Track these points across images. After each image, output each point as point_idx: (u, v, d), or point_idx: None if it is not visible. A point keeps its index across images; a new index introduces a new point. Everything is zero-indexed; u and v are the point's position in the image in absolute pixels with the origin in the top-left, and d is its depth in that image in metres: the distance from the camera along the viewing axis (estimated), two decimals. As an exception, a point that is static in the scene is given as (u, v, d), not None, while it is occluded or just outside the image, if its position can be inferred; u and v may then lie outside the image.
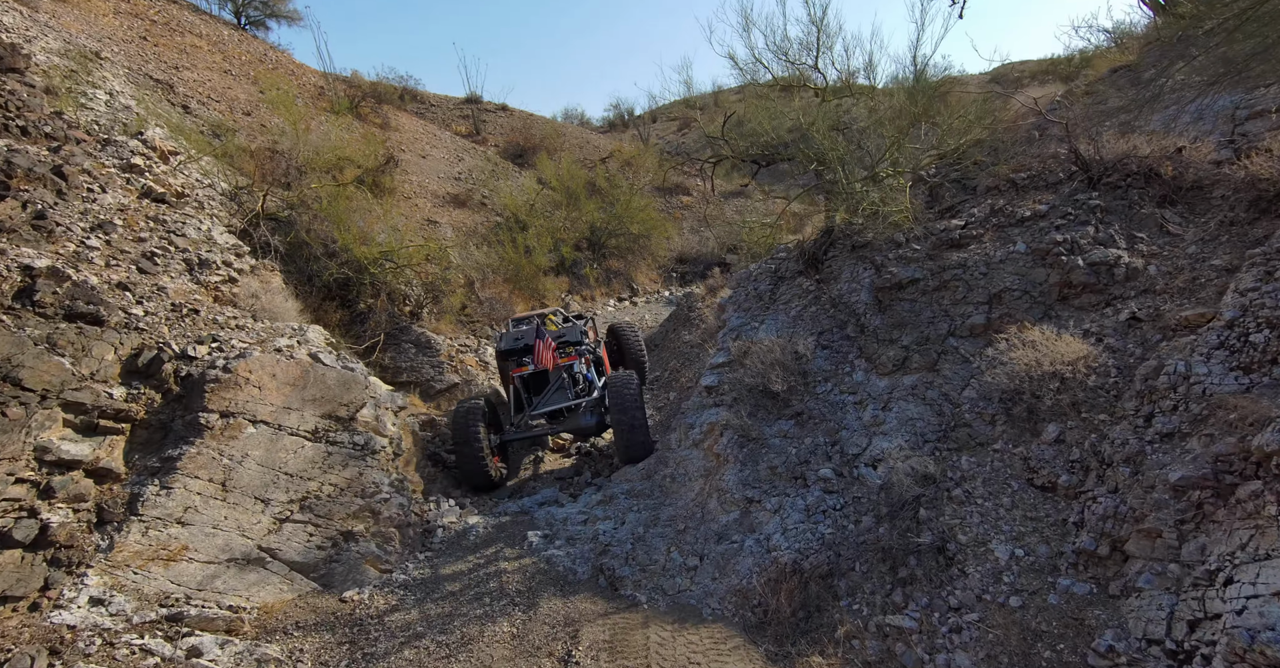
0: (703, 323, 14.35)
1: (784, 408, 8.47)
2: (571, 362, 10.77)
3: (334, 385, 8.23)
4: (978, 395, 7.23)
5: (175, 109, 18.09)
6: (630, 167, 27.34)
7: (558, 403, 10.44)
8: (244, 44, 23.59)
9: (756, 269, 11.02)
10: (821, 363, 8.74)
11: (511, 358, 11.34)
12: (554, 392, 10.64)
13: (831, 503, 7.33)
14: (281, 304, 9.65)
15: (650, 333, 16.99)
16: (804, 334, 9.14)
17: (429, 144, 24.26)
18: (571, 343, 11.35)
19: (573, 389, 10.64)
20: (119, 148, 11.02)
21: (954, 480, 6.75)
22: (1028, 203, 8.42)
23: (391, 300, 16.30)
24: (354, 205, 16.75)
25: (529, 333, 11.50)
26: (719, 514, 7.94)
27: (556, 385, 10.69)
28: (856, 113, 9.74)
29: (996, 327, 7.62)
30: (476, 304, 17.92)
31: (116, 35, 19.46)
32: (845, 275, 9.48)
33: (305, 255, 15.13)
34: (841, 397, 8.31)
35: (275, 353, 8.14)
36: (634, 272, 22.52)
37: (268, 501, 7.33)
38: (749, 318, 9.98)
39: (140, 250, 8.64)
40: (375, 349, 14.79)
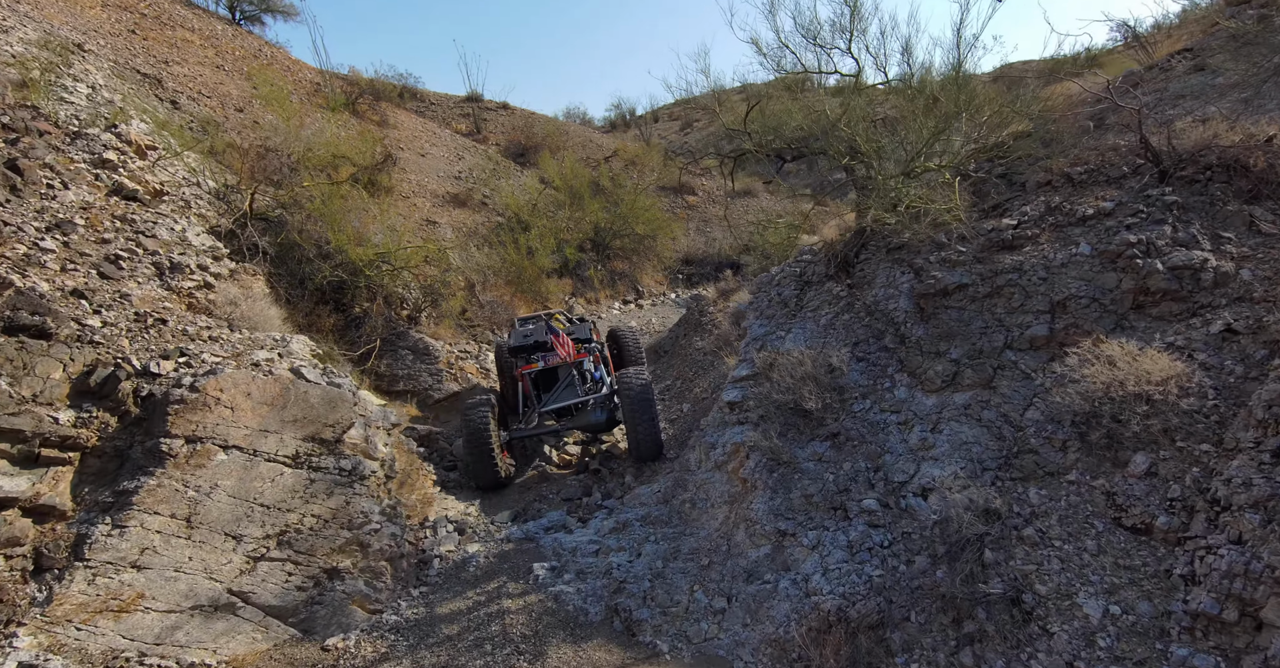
0: (715, 329, 13.38)
1: (818, 428, 7.51)
2: (582, 358, 10.52)
3: (318, 404, 7.26)
4: (1044, 417, 6.28)
5: (162, 104, 17.12)
6: (634, 166, 26.35)
7: (567, 399, 10.15)
8: (238, 39, 22.60)
9: (779, 273, 10.05)
10: (858, 377, 7.78)
11: (521, 355, 10.98)
12: (563, 388, 10.35)
13: (878, 539, 6.37)
14: (263, 312, 8.68)
15: (658, 338, 16.02)
16: (837, 345, 8.18)
17: (428, 142, 23.28)
18: (582, 340, 11.05)
19: (581, 386, 10.38)
20: (90, 142, 10.05)
21: (1023, 517, 5.79)
22: (1088, 200, 7.46)
23: (388, 304, 15.33)
24: (349, 205, 15.79)
25: (538, 330, 11.16)
26: (748, 548, 6.98)
27: (566, 382, 10.38)
28: (894, 102, 8.76)
29: (1061, 339, 6.66)
30: (477, 308, 16.94)
31: (103, 28, 18.47)
32: (880, 280, 8.52)
33: (297, 257, 14.17)
34: (882, 416, 7.34)
35: (252, 368, 7.17)
36: (639, 273, 21.56)
37: (240, 537, 6.36)
38: (773, 326, 9.01)
39: (103, 253, 7.67)
40: (370, 356, 13.82)
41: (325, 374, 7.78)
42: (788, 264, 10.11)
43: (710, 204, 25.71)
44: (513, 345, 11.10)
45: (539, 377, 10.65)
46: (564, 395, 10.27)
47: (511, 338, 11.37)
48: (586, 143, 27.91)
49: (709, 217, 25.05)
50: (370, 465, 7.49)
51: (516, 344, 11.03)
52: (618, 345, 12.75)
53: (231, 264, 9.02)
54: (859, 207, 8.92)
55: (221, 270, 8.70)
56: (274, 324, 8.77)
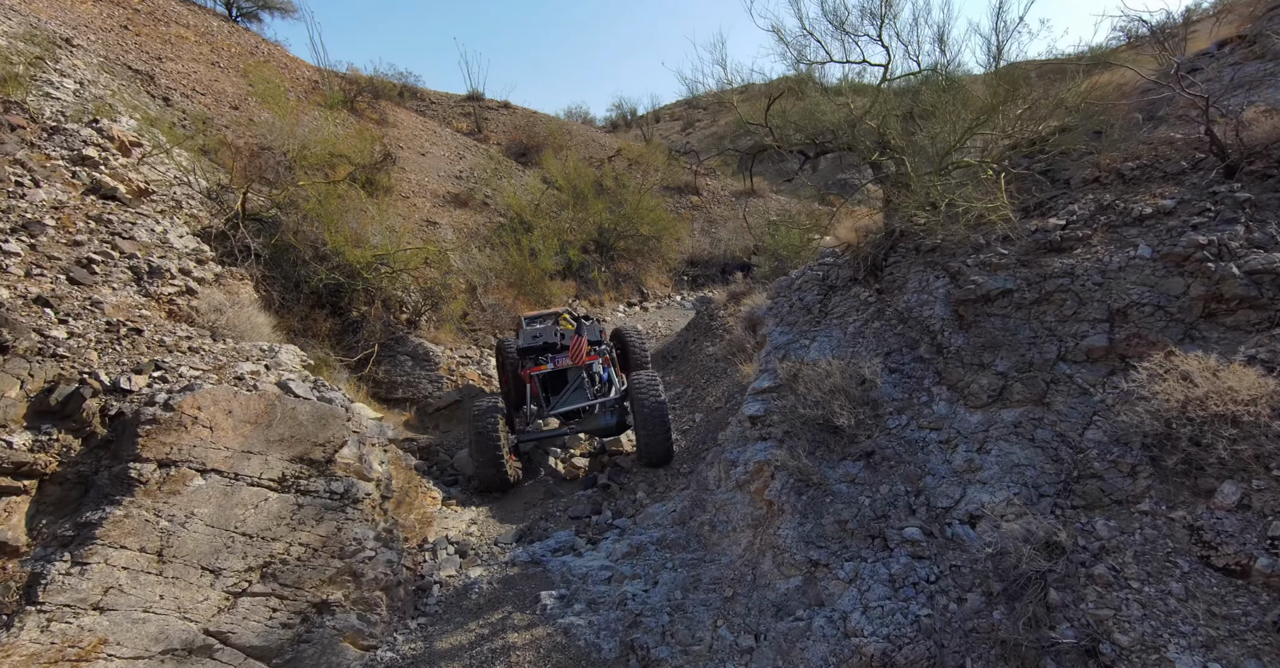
0: (727, 334, 12.70)
1: (849, 446, 6.83)
2: (593, 361, 10.22)
3: (307, 422, 6.58)
4: (1108, 438, 5.61)
5: (154, 101, 16.44)
6: (637, 165, 25.67)
7: (577, 402, 9.87)
8: (234, 36, 21.92)
9: (800, 276, 9.37)
10: (891, 390, 7.10)
11: (530, 356, 10.63)
12: (573, 391, 10.09)
13: (923, 573, 5.69)
14: (250, 319, 8.00)
15: (666, 342, 15.34)
16: (867, 355, 7.50)
17: (429, 141, 22.60)
18: (593, 342, 10.71)
19: (591, 389, 10.09)
20: (69, 137, 9.37)
21: (1091, 552, 5.12)
22: (1144, 197, 6.79)
23: (387, 308, 14.66)
24: (347, 205, 15.12)
25: (547, 331, 10.83)
26: (776, 579, 6.30)
27: (576, 385, 10.12)
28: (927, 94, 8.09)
29: (1123, 350, 5.98)
30: (479, 311, 16.27)
31: (94, 23, 17.78)
32: (913, 285, 7.84)
33: (292, 259, 13.51)
34: (921, 433, 6.67)
35: (235, 383, 6.49)
36: (644, 275, 20.89)
37: (219, 570, 5.69)
38: (796, 334, 8.34)
39: (74, 256, 6.99)
40: (368, 362, 13.16)
41: (316, 388, 7.10)
42: (809, 267, 9.43)
43: (715, 204, 25.04)
44: (521, 346, 10.69)
45: (547, 379, 10.32)
46: (573, 399, 9.93)
47: (520, 338, 10.93)
48: (589, 142, 27.23)
49: (714, 217, 24.38)
50: (364, 487, 6.81)
51: (525, 345, 10.61)
52: (622, 346, 12.23)
53: (217, 268, 8.34)
54: (887, 206, 8.24)
55: (206, 275, 8.01)
56: (262, 332, 8.09)
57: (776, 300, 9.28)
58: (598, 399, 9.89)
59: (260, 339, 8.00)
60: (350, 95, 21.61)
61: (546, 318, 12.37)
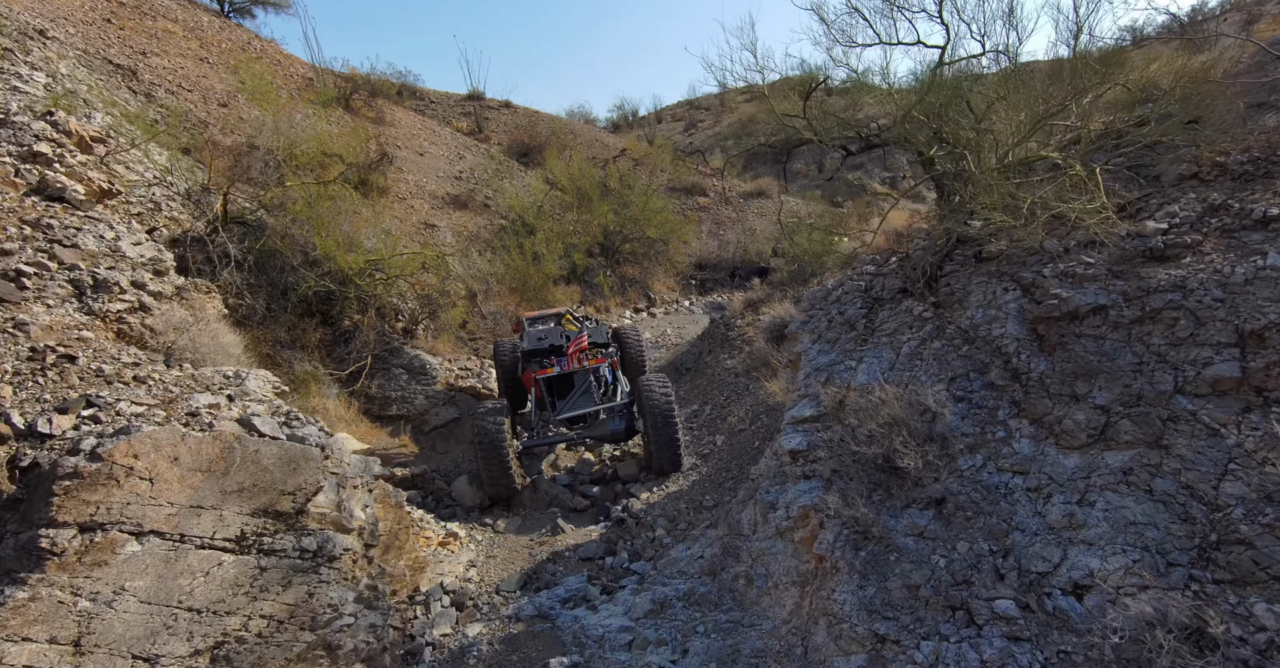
0: (747, 346, 11.53)
1: (914, 490, 5.67)
2: (600, 364, 9.71)
3: (274, 466, 5.40)
4: (1256, 494, 4.46)
5: (135, 97, 15.27)
6: (641, 165, 24.49)
7: (584, 407, 9.28)
8: (225, 31, 20.72)
9: (838, 287, 8.20)
10: (960, 423, 5.93)
11: (535, 359, 10.07)
12: (579, 395, 9.47)
13: (1025, 661, 4.53)
14: (215, 340, 6.82)
15: (678, 353, 14.17)
16: (927, 380, 6.33)
17: (427, 140, 21.42)
18: (599, 344, 10.28)
19: (598, 393, 9.49)
20: (17, 131, 8.20)
21: (1255, 647, 3.97)
22: (1265, 196, 5.63)
23: (381, 316, 13.48)
24: (340, 207, 13.94)
25: (552, 333, 10.35)
26: (833, 656, 5.14)
27: (583, 389, 9.50)
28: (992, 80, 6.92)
29: (1260, 381, 4.83)
30: (479, 319, 15.10)
31: (74, 16, 16.58)
32: (976, 299, 6.67)
33: (279, 265, 12.35)
34: (1002, 477, 5.50)
35: (187, 420, 5.31)
36: (650, 279, 19.71)
37: (155, 659, 4.51)
38: (840, 354, 7.16)
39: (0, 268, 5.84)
40: (361, 375, 12.00)
41: (288, 422, 5.91)
42: (847, 276, 8.26)
43: (722, 205, 23.86)
44: (526, 348, 10.14)
45: (553, 382, 9.70)
46: (580, 403, 9.35)
47: (524, 340, 10.37)
48: (593, 142, 26.03)
49: (721, 218, 23.20)
50: (343, 541, 5.64)
51: (531, 347, 10.08)
52: (621, 347, 11.41)
53: (180, 279, 7.15)
54: (943, 207, 7.07)
55: (164, 288, 6.83)
56: (228, 355, 6.90)
57: (812, 314, 8.10)
58: (605, 404, 9.33)
59: (227, 362, 6.82)
60: (346, 93, 20.42)
61: (549, 319, 11.71)
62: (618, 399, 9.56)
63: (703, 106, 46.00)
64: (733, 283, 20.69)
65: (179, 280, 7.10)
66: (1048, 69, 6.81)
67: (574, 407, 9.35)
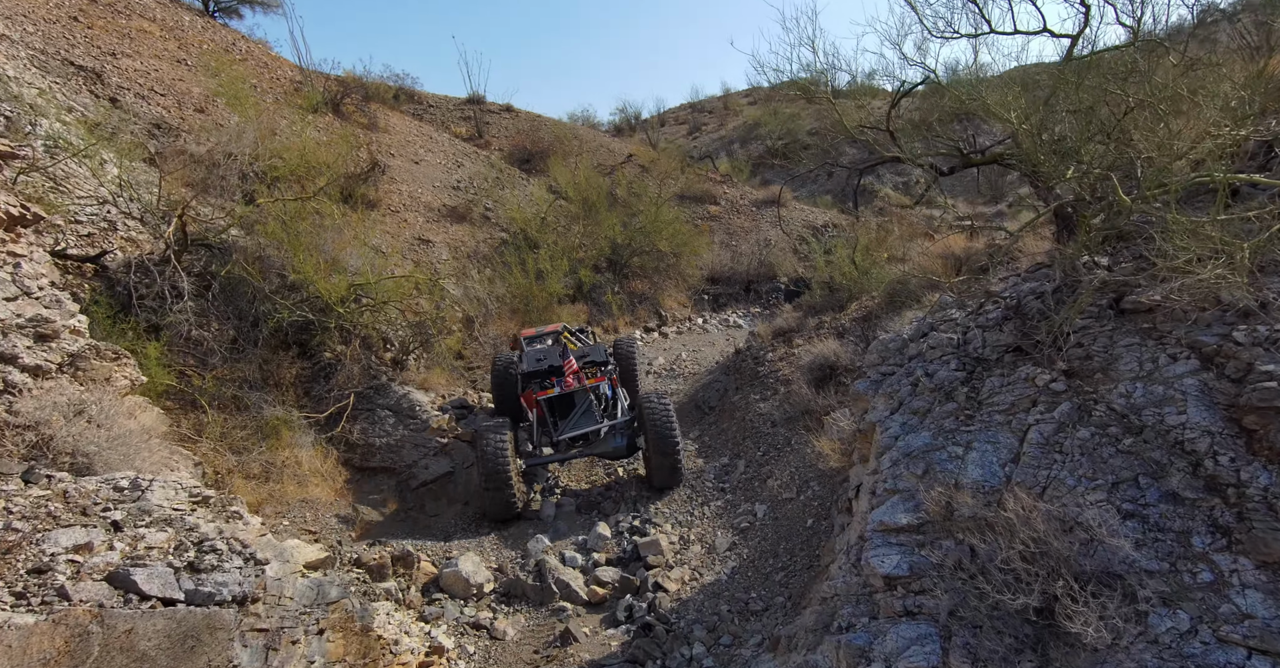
0: (783, 386, 9.69)
1: (1079, 657, 3.85)
2: (599, 382, 9.52)
3: (158, 650, 3.54)
4: None
5: (98, 102, 13.39)
6: (648, 172, 22.61)
7: (586, 426, 9.01)
8: (208, 32, 18.81)
9: (918, 337, 6.35)
10: (1136, 556, 4.09)
11: (534, 380, 9.74)
12: (581, 414, 9.21)
13: None
14: (121, 425, 4.96)
15: (696, 385, 12.32)
16: (1076, 484, 4.50)
17: (423, 147, 19.52)
18: (598, 362, 10.01)
19: (598, 410, 9.27)
20: (-106, 146, 6.36)
21: None
22: None
23: (367, 346, 11.61)
24: (323, 223, 12.07)
25: (550, 353, 10.01)
26: None
27: (583, 408, 9.24)
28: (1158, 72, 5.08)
29: None
30: (476, 346, 13.25)
31: (36, 13, 14.67)
32: (1128, 368, 4.84)
33: (248, 293, 10.49)
34: (1227, 654, 3.66)
35: (21, 590, 3.48)
36: (660, 295, 17.86)
37: None
38: (937, 433, 5.32)
39: None
40: (341, 418, 10.15)
41: (197, 564, 4.07)
42: (928, 323, 6.41)
43: (734, 214, 21.99)
44: (525, 370, 9.81)
45: (554, 402, 9.38)
46: (582, 422, 9.10)
47: (524, 361, 10.01)
48: (598, 148, 24.14)
49: (733, 228, 21.34)
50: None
51: (530, 369, 9.75)
52: (618, 358, 10.95)
53: (77, 342, 5.28)
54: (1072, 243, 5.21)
55: (48, 358, 4.97)
56: (141, 441, 5.04)
57: (886, 371, 6.25)
58: (606, 422, 9.12)
59: (139, 453, 4.98)
60: (336, 97, 18.51)
61: (546, 337, 11.25)
62: (619, 416, 9.37)
63: (706, 109, 44.06)
64: (748, 298, 18.86)
65: (76, 343, 5.23)
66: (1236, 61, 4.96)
67: (576, 426, 9.07)
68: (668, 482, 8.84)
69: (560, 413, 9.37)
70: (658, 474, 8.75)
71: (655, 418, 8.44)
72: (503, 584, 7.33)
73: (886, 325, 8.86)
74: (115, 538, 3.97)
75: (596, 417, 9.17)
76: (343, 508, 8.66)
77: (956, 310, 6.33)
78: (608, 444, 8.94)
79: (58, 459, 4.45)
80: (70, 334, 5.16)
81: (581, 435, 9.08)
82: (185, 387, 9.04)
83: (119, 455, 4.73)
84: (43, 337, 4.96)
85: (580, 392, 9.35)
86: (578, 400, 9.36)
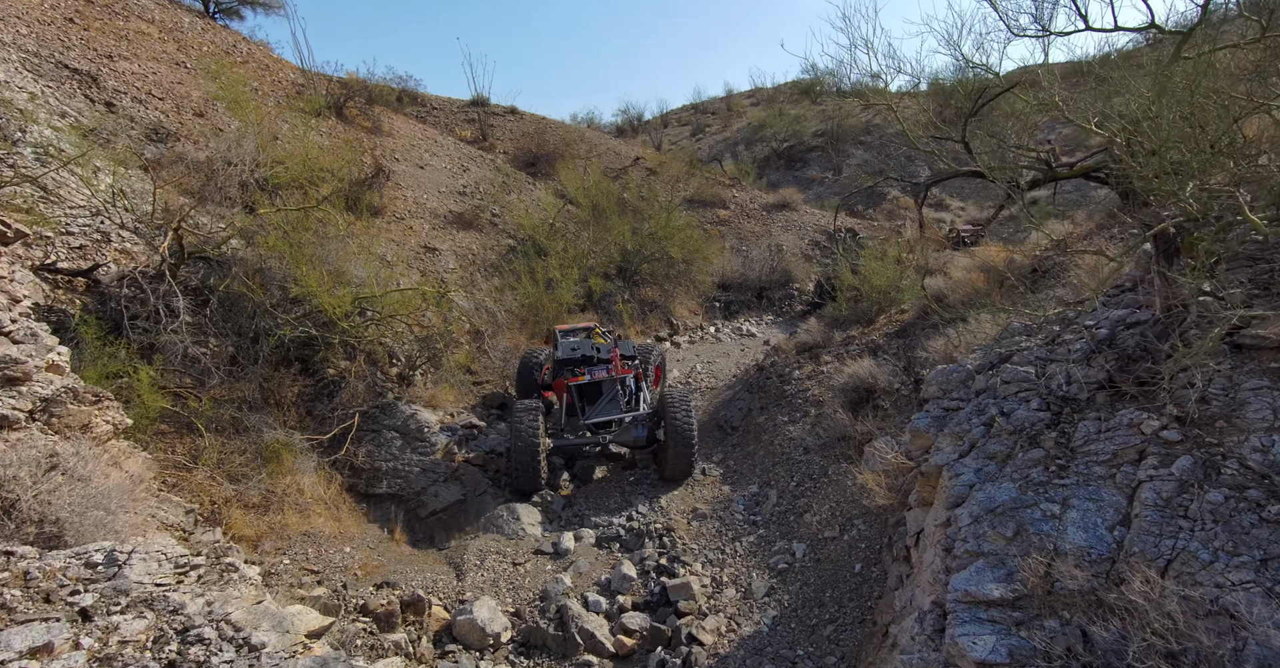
0: (813, 408, 8.97)
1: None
2: (626, 374, 9.97)
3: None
4: None
5: (93, 106, 12.64)
6: (655, 175, 21.85)
7: (611, 414, 9.60)
8: (208, 34, 18.02)
9: (987, 369, 5.62)
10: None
11: (568, 367, 10.22)
12: (607, 403, 9.78)
13: None
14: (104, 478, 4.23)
15: (715, 401, 11.60)
16: (1216, 560, 3.78)
17: (428, 151, 18.75)
18: (627, 356, 10.44)
19: (624, 402, 9.81)
20: None
21: None
22: None
23: (372, 362, 10.89)
24: (327, 232, 11.34)
25: (584, 345, 10.53)
26: None
27: (610, 397, 9.82)
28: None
29: None
30: (485, 359, 12.50)
31: (29, 14, 13.91)
32: (1259, 416, 4.13)
33: (248, 309, 9.76)
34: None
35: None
36: (671, 303, 17.12)
37: None
38: (1025, 487, 4.60)
39: None
40: (345, 440, 9.41)
41: (177, 660, 3.34)
42: (998, 352, 5.67)
43: (744, 219, 21.24)
44: (560, 357, 10.32)
45: (583, 390, 9.93)
46: (607, 410, 9.65)
47: (559, 350, 10.53)
48: (605, 151, 23.36)
49: (744, 232, 20.60)
50: None
51: (564, 357, 10.27)
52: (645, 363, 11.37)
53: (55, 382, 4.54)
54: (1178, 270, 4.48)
55: (16, 407, 4.22)
56: (117, 501, 4.29)
57: (946, 403, 5.52)
58: (630, 412, 9.60)
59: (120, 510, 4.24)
60: (340, 100, 17.74)
61: (579, 331, 11.58)
62: (641, 409, 9.77)
63: (709, 111, 43.22)
64: (760, 305, 18.12)
65: (51, 386, 4.47)
66: None
67: (602, 412, 9.60)
68: (679, 475, 9.14)
69: (588, 400, 9.89)
70: (672, 465, 9.00)
71: (675, 412, 8.80)
72: (521, 632, 6.61)
73: (926, 345, 8.13)
74: (83, 632, 3.25)
75: (621, 406, 9.68)
76: (347, 542, 7.93)
77: (1027, 338, 5.60)
78: (629, 433, 9.42)
79: (22, 529, 3.72)
80: (46, 373, 4.42)
81: (607, 422, 9.55)
82: (181, 410, 8.32)
83: (94, 520, 4.00)
84: (11, 380, 4.23)
85: (608, 381, 9.83)
86: (605, 389, 9.86)
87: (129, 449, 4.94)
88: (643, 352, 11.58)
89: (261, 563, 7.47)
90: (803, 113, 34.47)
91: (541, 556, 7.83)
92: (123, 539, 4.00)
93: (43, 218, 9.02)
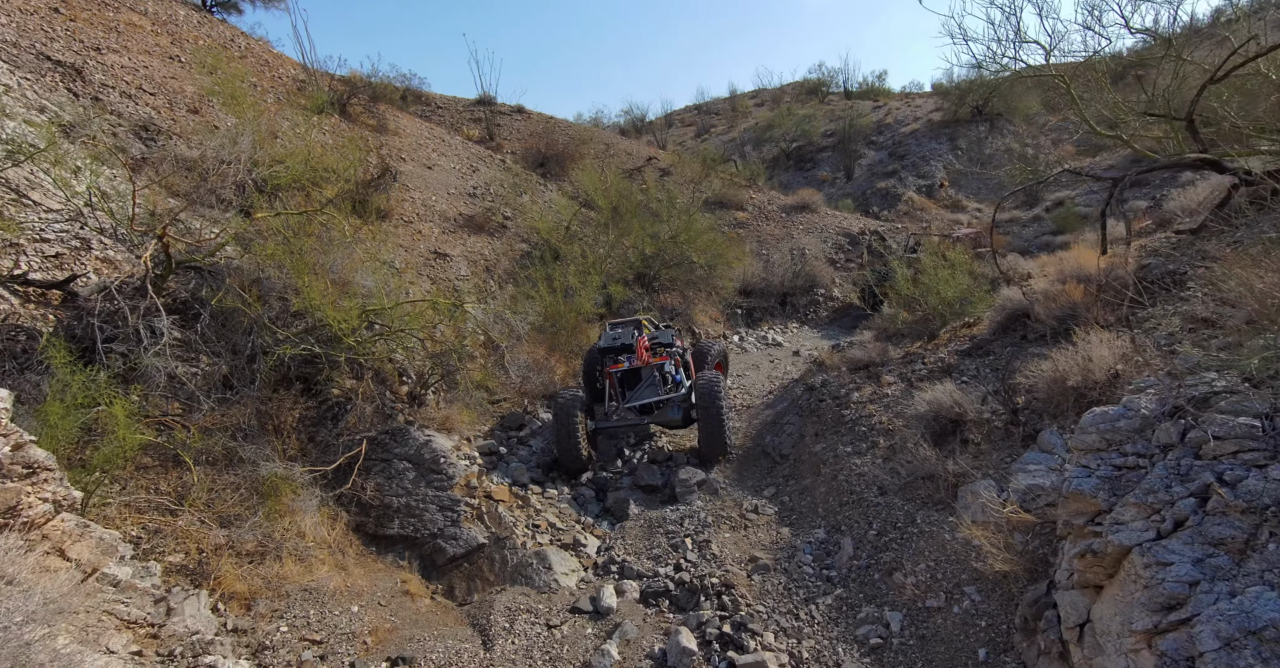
0: (882, 438, 7.70)
1: None
2: (663, 361, 10.35)
3: None
4: None
5: (76, 101, 11.28)
6: (668, 175, 20.55)
7: (648, 397, 10.04)
8: (204, 27, 16.65)
9: (1170, 413, 4.33)
10: None
11: (609, 355, 10.65)
12: (645, 387, 10.26)
13: None
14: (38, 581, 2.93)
15: (756, 422, 10.37)
16: None
17: (436, 151, 17.41)
18: (664, 344, 10.75)
19: (662, 387, 10.21)
20: None
21: None
22: None
23: (380, 380, 9.61)
24: (331, 238, 10.03)
25: (625, 334, 10.79)
26: None
27: (648, 382, 10.28)
28: None
29: None
30: (503, 376, 11.17)
31: (11, 3, 12.55)
32: None
33: (244, 324, 8.47)
34: None
35: None
36: (692, 310, 15.84)
37: None
38: (1214, 578, 3.31)
39: None
40: (352, 471, 8.12)
41: None
42: (1172, 392, 4.39)
43: (763, 221, 19.95)
44: (601, 346, 10.71)
45: (625, 375, 10.44)
46: (644, 394, 10.16)
47: (601, 340, 10.91)
48: (619, 151, 22.01)
49: (764, 235, 19.32)
50: None
51: (605, 346, 10.65)
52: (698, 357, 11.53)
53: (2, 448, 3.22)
54: None
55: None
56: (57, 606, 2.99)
57: (1115, 459, 4.26)
58: (666, 396, 10.02)
59: (69, 609, 2.93)
60: (343, 97, 16.37)
61: (629, 324, 11.76)
62: (679, 393, 10.11)
63: (713, 111, 41.86)
64: (784, 312, 16.84)
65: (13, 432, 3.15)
66: None
67: (640, 396, 10.08)
68: (712, 453, 9.41)
69: (629, 385, 10.37)
70: (705, 444, 9.38)
71: (704, 393, 9.25)
72: (566, 724, 5.31)
73: (1024, 369, 6.85)
74: None
75: (659, 390, 10.11)
76: (355, 598, 6.65)
77: (1218, 376, 4.31)
78: (666, 414, 9.78)
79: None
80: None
81: (646, 406, 9.99)
82: (166, 441, 7.02)
83: (25, 640, 2.68)
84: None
85: (646, 368, 10.24)
86: (644, 376, 10.32)
87: (76, 529, 3.64)
88: (703, 347, 11.76)
89: (254, 631, 6.19)
90: (811, 112, 33.19)
91: (579, 615, 6.56)
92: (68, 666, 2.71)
93: (13, 223, 7.74)
